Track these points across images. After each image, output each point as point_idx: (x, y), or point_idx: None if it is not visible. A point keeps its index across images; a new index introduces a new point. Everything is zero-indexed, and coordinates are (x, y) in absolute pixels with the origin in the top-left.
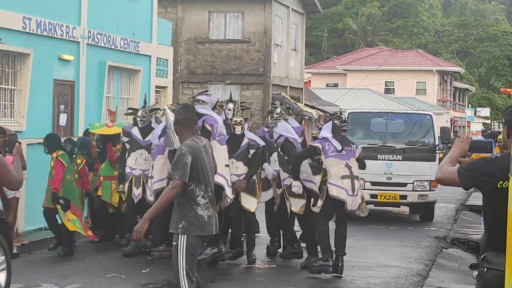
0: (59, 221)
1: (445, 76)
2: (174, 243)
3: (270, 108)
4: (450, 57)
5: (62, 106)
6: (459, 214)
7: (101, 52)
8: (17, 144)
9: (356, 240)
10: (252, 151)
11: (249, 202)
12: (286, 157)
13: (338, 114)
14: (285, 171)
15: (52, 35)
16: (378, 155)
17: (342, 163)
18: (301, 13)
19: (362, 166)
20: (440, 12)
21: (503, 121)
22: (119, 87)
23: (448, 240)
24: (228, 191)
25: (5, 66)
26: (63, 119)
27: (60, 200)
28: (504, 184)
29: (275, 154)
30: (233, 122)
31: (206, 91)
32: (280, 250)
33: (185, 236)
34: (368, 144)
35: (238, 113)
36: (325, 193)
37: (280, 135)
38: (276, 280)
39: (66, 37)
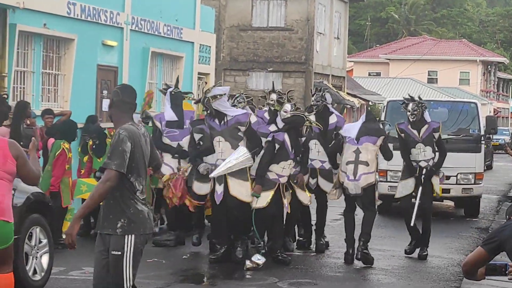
0: None
1: (489, 66)
2: (116, 252)
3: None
4: (494, 47)
5: (105, 92)
6: (501, 205)
7: (144, 38)
8: (33, 138)
9: (397, 230)
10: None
11: (303, 196)
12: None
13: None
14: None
15: (96, 21)
16: None
17: (352, 149)
18: (345, 1)
19: (386, 156)
20: (484, 1)
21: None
22: (162, 73)
23: (490, 231)
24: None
25: (49, 51)
26: (105, 104)
27: None
28: None
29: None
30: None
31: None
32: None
33: (131, 237)
34: None
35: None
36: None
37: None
38: (308, 267)
39: (110, 22)
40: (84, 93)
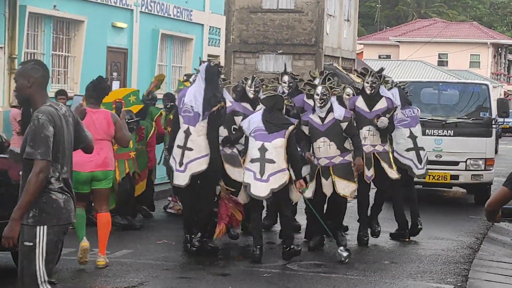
0: None
1: (499, 49)
2: (28, 243)
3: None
4: (505, 30)
5: (115, 74)
6: None
7: (154, 20)
8: (122, 110)
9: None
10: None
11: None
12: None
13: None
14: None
15: (106, 3)
16: (427, 130)
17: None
18: None
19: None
20: None
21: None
22: (172, 55)
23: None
24: (176, 177)
25: (59, 33)
26: (115, 86)
27: None
28: None
29: None
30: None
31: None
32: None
33: (43, 228)
34: None
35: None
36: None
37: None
38: (317, 250)
39: (120, 4)
40: (94, 75)
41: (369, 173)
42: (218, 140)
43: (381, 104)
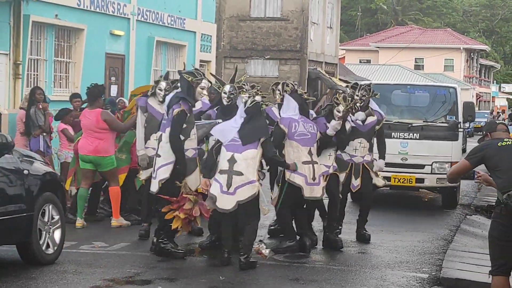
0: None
1: (471, 53)
2: None
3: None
4: (477, 36)
5: (113, 78)
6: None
7: (149, 28)
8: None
9: (385, 207)
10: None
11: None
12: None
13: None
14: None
15: (105, 12)
16: (392, 133)
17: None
18: None
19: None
20: None
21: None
22: (166, 61)
23: (472, 207)
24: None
25: (61, 40)
26: (114, 90)
27: None
28: (503, 143)
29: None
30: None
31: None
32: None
33: None
34: None
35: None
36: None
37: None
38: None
39: (117, 13)
40: (94, 79)
41: (356, 182)
42: (180, 144)
43: (372, 118)
